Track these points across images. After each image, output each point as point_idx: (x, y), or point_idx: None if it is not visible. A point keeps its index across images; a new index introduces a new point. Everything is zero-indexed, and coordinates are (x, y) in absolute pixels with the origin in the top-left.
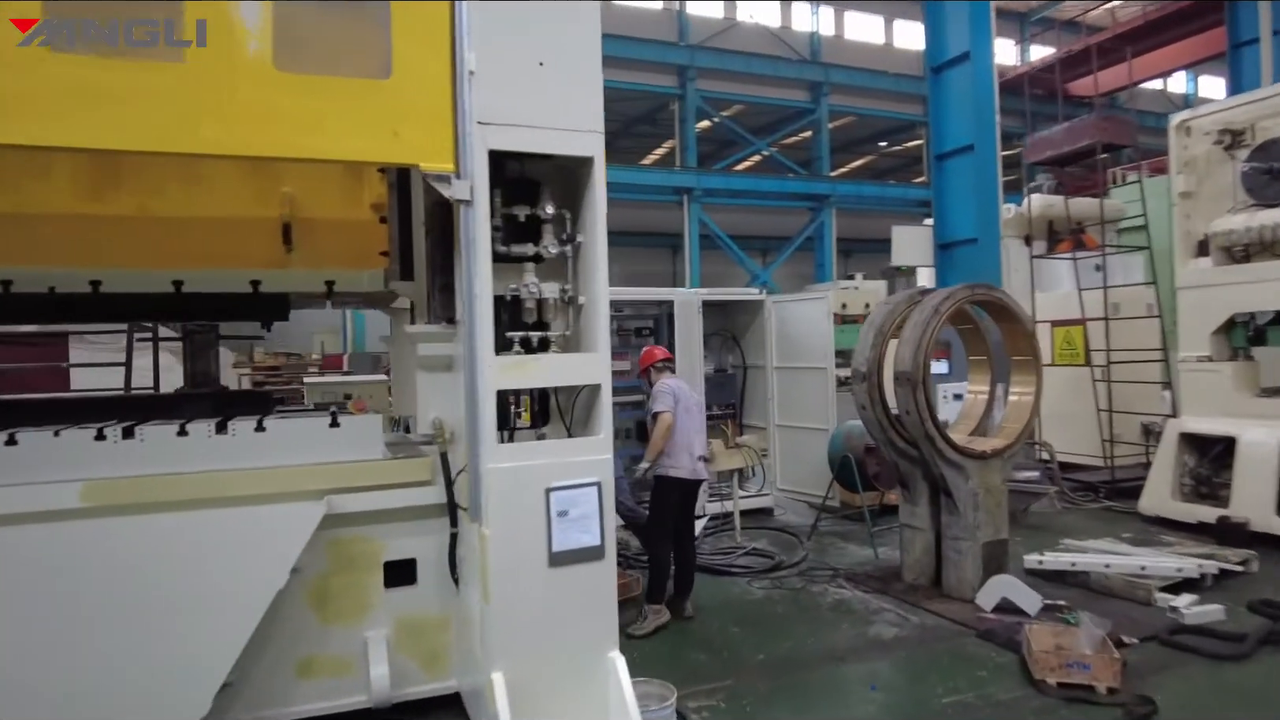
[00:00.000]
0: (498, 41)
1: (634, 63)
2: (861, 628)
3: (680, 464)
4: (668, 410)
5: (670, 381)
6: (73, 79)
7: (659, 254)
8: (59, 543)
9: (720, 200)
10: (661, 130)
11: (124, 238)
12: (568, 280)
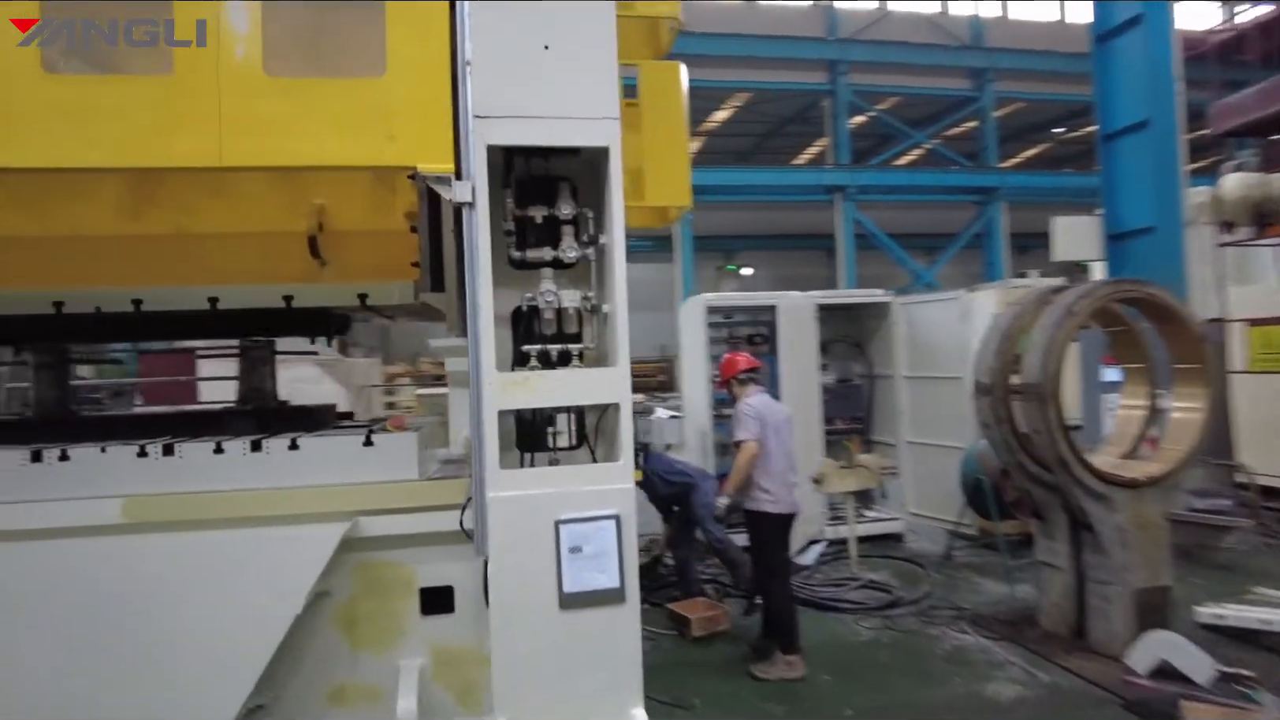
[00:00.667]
0: (497, 24)
1: (781, 61)
2: (977, 683)
3: (777, 496)
4: (752, 438)
5: (754, 400)
6: (62, 99)
7: (813, 256)
8: (99, 556)
9: (875, 197)
10: (813, 128)
11: (163, 256)
12: (591, 287)
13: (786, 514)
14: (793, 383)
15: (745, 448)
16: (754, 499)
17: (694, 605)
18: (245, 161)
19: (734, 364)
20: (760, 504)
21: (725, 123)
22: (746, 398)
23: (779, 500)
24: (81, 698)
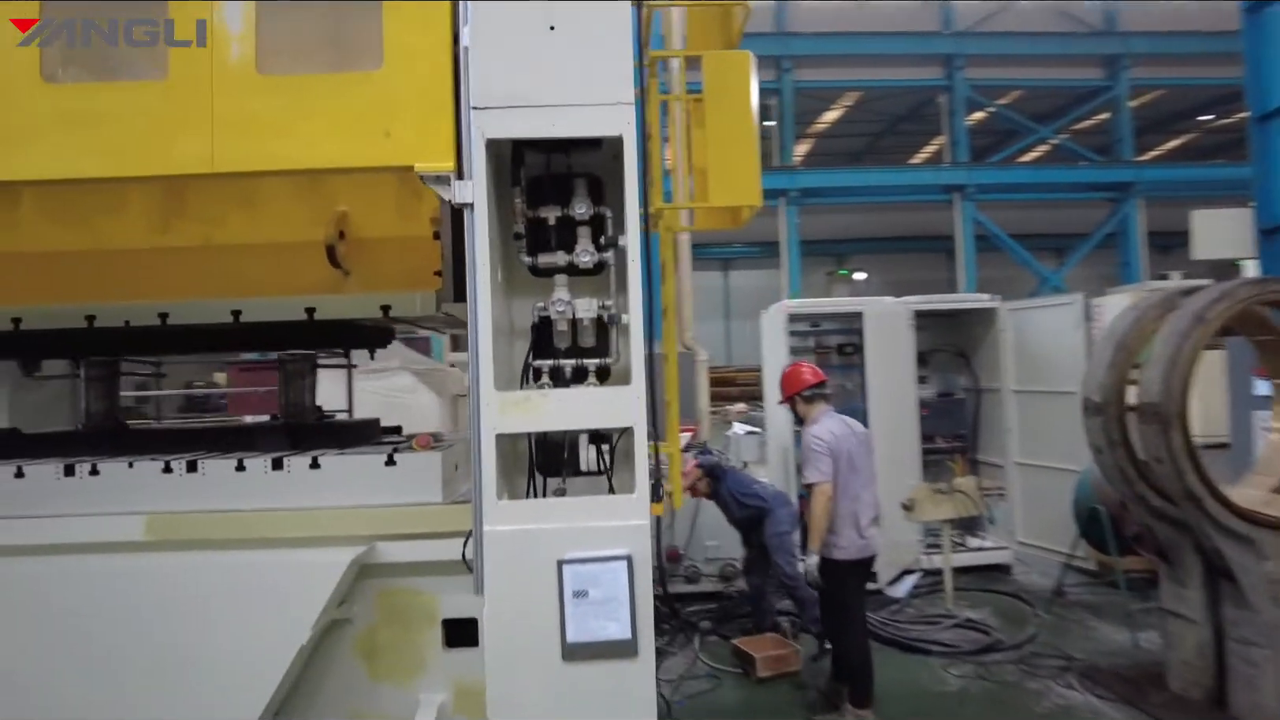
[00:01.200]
0: (498, 5)
1: (893, 59)
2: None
3: (844, 541)
4: (825, 479)
5: (824, 427)
6: (61, 108)
7: (930, 259)
8: (122, 573)
9: (997, 196)
10: (928, 126)
11: (189, 269)
12: (610, 295)
13: (856, 560)
14: (883, 397)
15: (819, 492)
16: (826, 543)
17: (762, 642)
18: (236, 166)
19: (798, 378)
20: (827, 549)
21: (836, 123)
22: (813, 420)
23: (847, 545)
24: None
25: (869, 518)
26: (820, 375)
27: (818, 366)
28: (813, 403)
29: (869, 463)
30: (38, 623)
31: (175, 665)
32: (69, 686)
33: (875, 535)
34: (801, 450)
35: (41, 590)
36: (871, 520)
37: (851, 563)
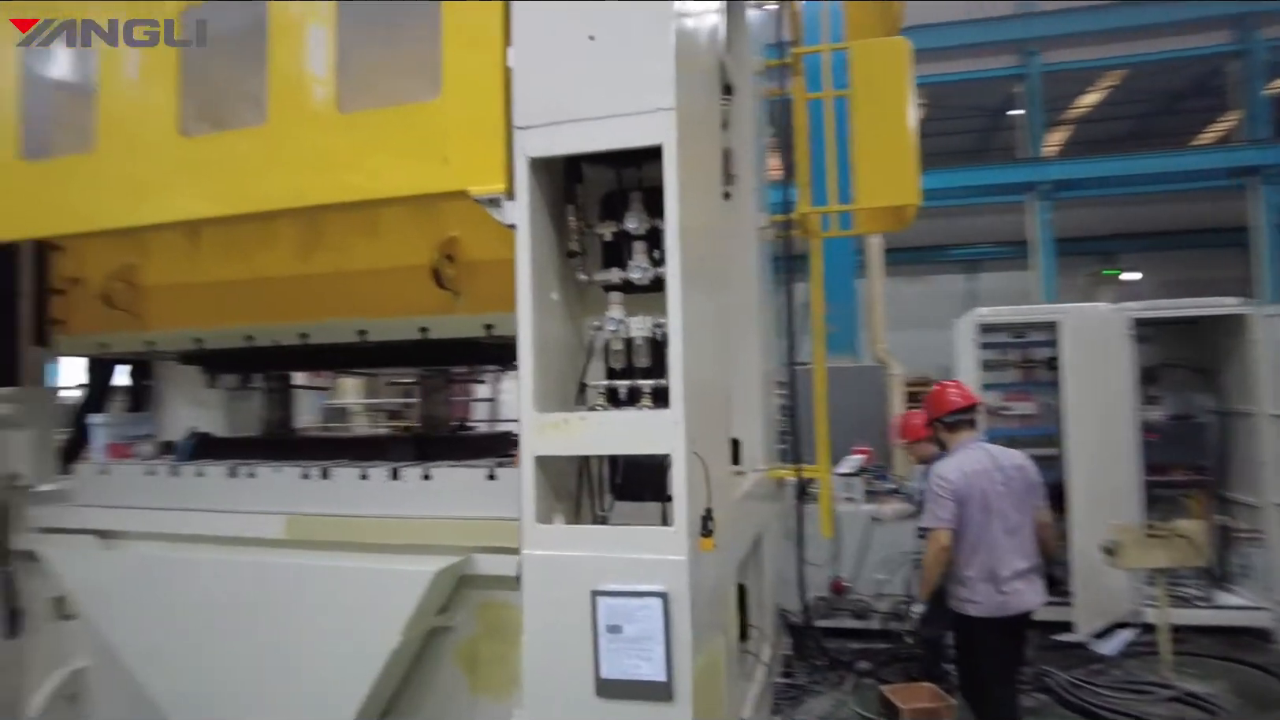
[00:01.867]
0: (541, 20)
1: (1164, 28)
2: None
3: (978, 595)
4: (943, 525)
5: (954, 464)
6: (189, 156)
7: (1219, 256)
8: (254, 567)
9: None
10: (1213, 101)
11: (324, 292)
12: (664, 313)
13: (995, 618)
14: (1086, 419)
15: (932, 539)
16: (953, 594)
17: (916, 692)
18: (318, 200)
19: (942, 400)
20: (960, 603)
21: (1096, 107)
22: (953, 450)
23: (982, 601)
24: (221, 689)
25: (1013, 569)
26: (971, 398)
27: (1025, 384)
28: (956, 430)
29: (1021, 503)
30: (187, 605)
31: (287, 655)
32: (202, 664)
33: (1023, 590)
34: (927, 488)
35: (197, 576)
36: (1018, 573)
37: (987, 620)
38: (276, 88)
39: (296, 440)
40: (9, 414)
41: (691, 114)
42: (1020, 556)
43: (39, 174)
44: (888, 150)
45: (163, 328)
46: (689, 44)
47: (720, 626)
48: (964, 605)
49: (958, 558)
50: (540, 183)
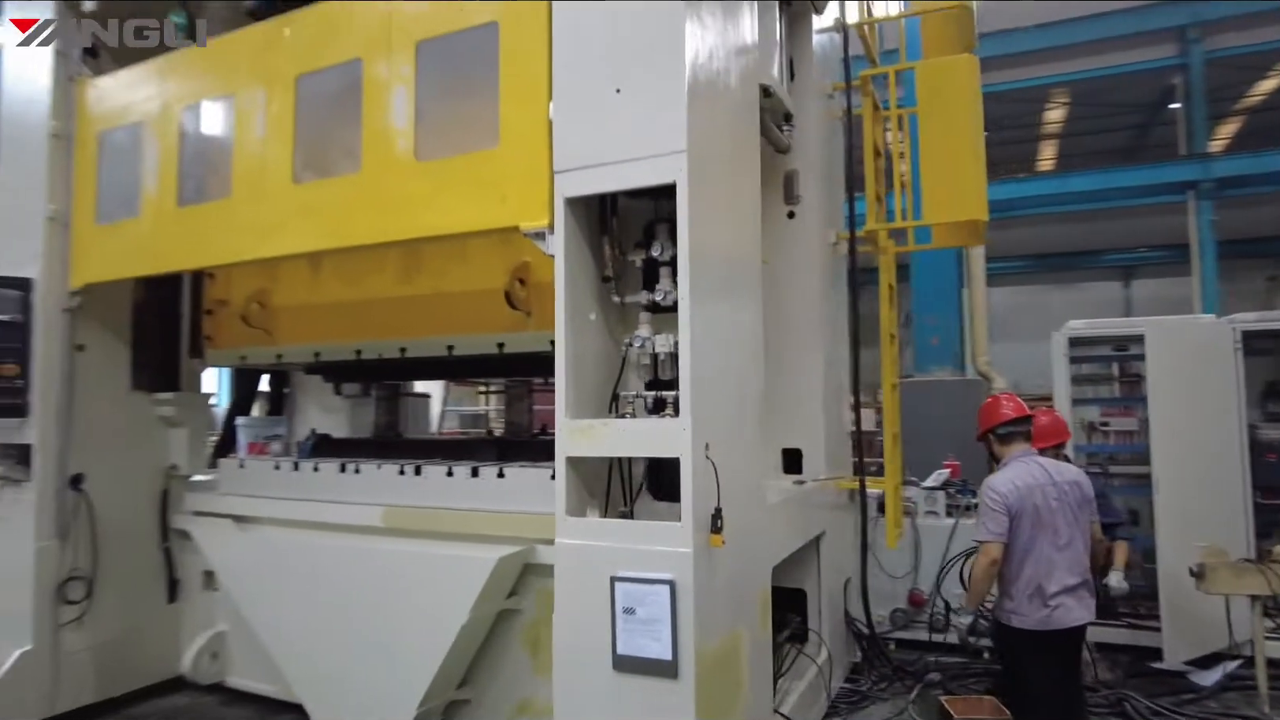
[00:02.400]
0: (575, 75)
1: None
2: None
3: (1023, 609)
4: (992, 538)
5: (1006, 477)
6: (302, 201)
7: None
8: (358, 553)
9: None
10: None
11: (420, 312)
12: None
13: (1039, 631)
14: (1180, 437)
15: (983, 552)
16: (999, 606)
17: (976, 704)
18: (399, 236)
19: (995, 411)
20: (1007, 615)
21: (1274, 94)
22: (1005, 462)
23: (1026, 615)
24: (309, 646)
25: (1062, 584)
26: (1023, 410)
27: (1126, 400)
28: (1009, 442)
29: (1074, 518)
30: (301, 581)
31: (378, 625)
32: (311, 631)
33: (1071, 605)
34: (980, 501)
35: (309, 557)
36: (1066, 588)
37: (1033, 634)
38: (368, 141)
39: (399, 441)
40: (170, 414)
41: (713, 152)
42: (1070, 572)
43: (191, 217)
44: (953, 166)
45: (289, 343)
46: (710, 90)
47: (741, 618)
48: (1009, 617)
49: (1005, 570)
50: (577, 218)
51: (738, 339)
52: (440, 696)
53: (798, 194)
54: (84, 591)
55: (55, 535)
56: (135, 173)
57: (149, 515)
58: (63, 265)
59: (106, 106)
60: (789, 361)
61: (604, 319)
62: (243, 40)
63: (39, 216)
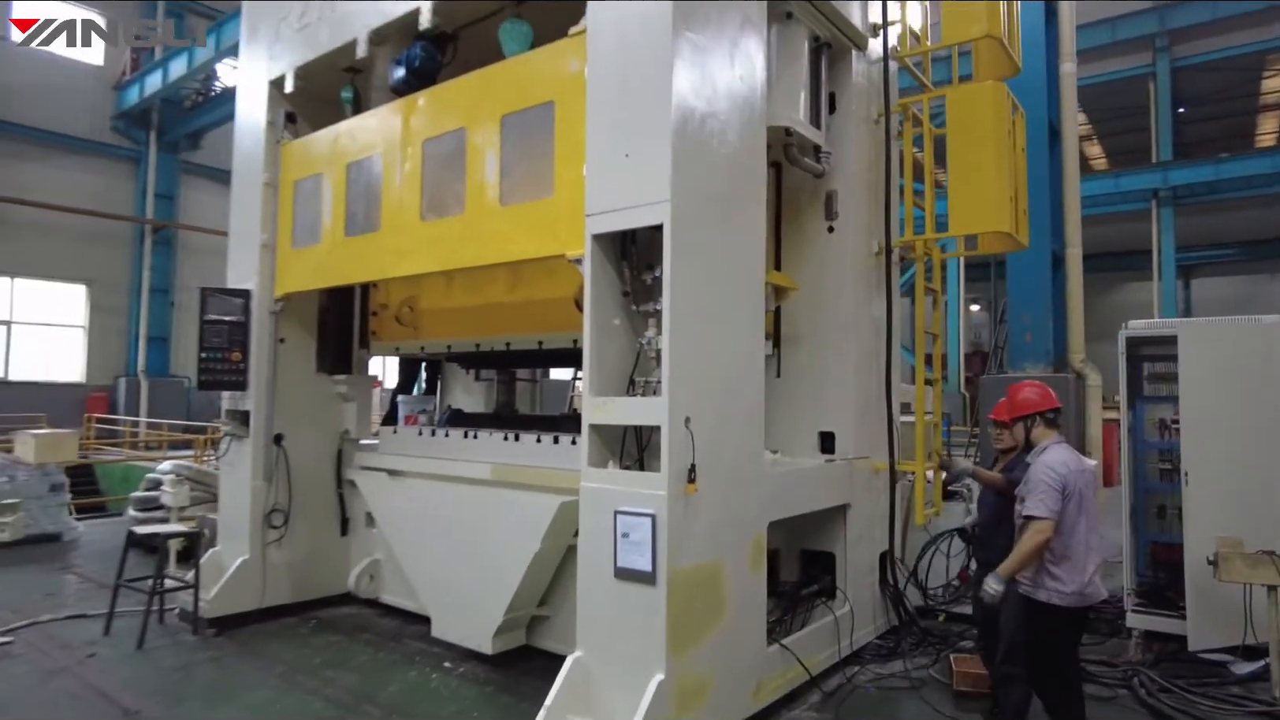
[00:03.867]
0: (602, 145)
1: None
2: None
3: (1065, 584)
4: (1050, 515)
5: (1058, 457)
6: (427, 235)
7: None
8: (467, 499)
9: None
10: None
11: (520, 315)
12: None
13: (1077, 608)
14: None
15: (1038, 528)
16: (1039, 583)
17: (978, 663)
18: (488, 261)
19: (1030, 398)
20: (1046, 593)
21: None
22: (1043, 448)
23: (1071, 591)
24: (435, 569)
25: (1095, 563)
26: (1054, 398)
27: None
28: (1054, 426)
29: (1094, 501)
30: (431, 520)
31: (482, 552)
32: (437, 558)
33: (1099, 583)
34: (1029, 477)
35: (435, 502)
36: (1097, 566)
37: (1070, 610)
38: (470, 190)
39: (510, 415)
40: (344, 391)
41: (702, 194)
42: (1100, 553)
43: (355, 244)
44: (978, 183)
45: (429, 338)
46: (699, 148)
47: (723, 554)
48: (1051, 595)
49: (1055, 547)
50: (603, 248)
51: (727, 340)
52: (522, 609)
53: (836, 211)
54: (282, 520)
55: (264, 478)
56: (318, 211)
57: (328, 468)
58: (270, 280)
59: (299, 162)
60: (825, 357)
61: (626, 323)
62: (387, 113)
63: (255, 244)
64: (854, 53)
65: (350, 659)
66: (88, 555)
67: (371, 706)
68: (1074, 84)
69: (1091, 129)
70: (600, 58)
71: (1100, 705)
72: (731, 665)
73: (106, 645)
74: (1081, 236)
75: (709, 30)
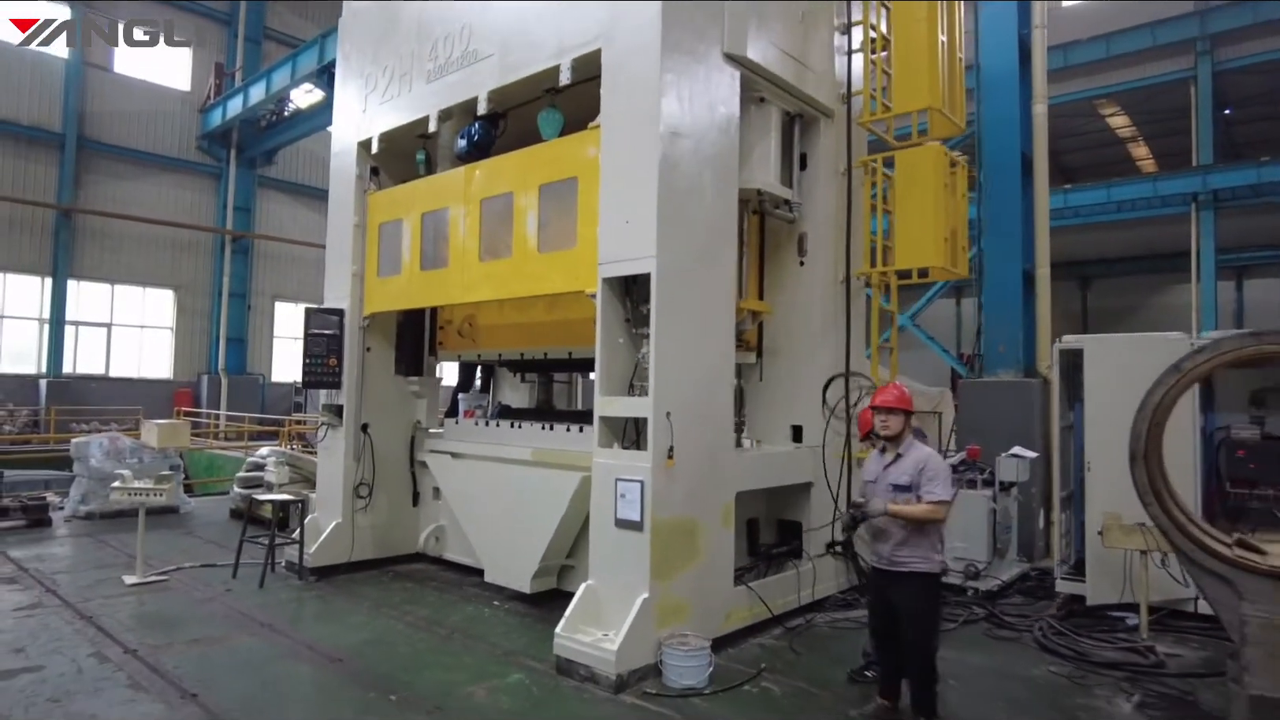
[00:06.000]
0: (610, 212)
1: None
2: None
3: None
4: (952, 499)
5: (930, 448)
6: (484, 271)
7: None
8: (511, 475)
9: None
10: None
11: (556, 331)
12: None
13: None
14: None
15: (946, 507)
16: (930, 559)
17: None
18: (529, 293)
19: (910, 397)
20: (936, 565)
21: None
22: (915, 445)
23: (942, 564)
24: (487, 531)
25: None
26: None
27: None
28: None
29: None
30: (485, 492)
31: (523, 515)
32: (489, 522)
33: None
34: (932, 467)
35: (487, 477)
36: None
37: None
38: (516, 240)
39: (548, 410)
40: (417, 390)
41: (683, 248)
42: None
43: (428, 276)
44: (918, 226)
45: (485, 348)
46: (679, 213)
47: (698, 512)
48: (940, 566)
49: (941, 527)
50: (611, 288)
51: (702, 357)
52: (554, 559)
53: (806, 249)
54: (367, 492)
55: (354, 458)
56: (399, 249)
57: (403, 451)
58: (360, 302)
59: (384, 208)
60: (798, 365)
61: (628, 341)
62: (453, 176)
63: (348, 273)
64: (823, 120)
65: (422, 598)
66: (200, 524)
67: (440, 628)
68: (1045, 123)
69: (1136, 130)
70: (609, 148)
71: (1006, 644)
72: (705, 596)
73: (236, 585)
74: (1106, 241)
75: (691, 125)
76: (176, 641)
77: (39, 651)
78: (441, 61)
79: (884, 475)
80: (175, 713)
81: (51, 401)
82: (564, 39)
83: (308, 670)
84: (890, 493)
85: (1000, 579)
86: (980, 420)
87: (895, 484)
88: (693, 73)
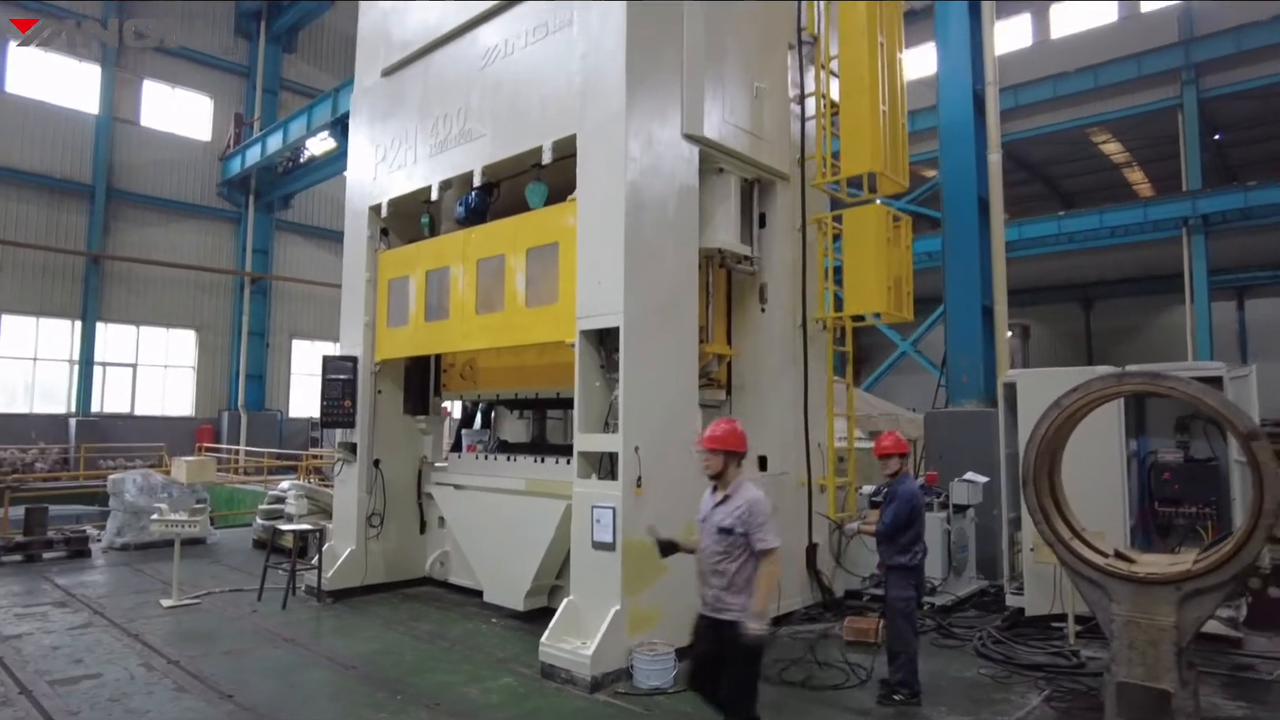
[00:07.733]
0: (586, 272)
1: None
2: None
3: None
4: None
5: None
6: (480, 323)
7: None
8: (506, 503)
9: None
10: None
11: (547, 373)
12: None
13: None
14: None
15: (778, 556)
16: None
17: (867, 620)
18: (519, 342)
19: (741, 438)
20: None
21: None
22: (745, 484)
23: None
24: (485, 555)
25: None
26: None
27: None
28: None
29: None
30: (484, 519)
31: (515, 540)
32: (484, 546)
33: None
34: (759, 512)
35: (486, 506)
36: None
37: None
38: (507, 296)
39: (541, 444)
40: (424, 427)
41: (647, 304)
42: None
43: (431, 327)
44: (862, 276)
45: (484, 389)
46: (644, 274)
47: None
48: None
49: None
50: (588, 339)
51: (665, 398)
52: (545, 579)
53: (767, 297)
54: (379, 522)
55: (366, 491)
56: (406, 302)
57: (411, 483)
58: (371, 349)
59: (392, 266)
60: (760, 403)
61: (603, 384)
62: (453, 239)
63: (360, 323)
64: (779, 182)
65: (427, 616)
66: (225, 553)
67: (442, 641)
68: (999, 170)
69: (1129, 156)
70: (584, 218)
71: (949, 651)
72: (674, 606)
73: (261, 606)
74: (1099, 264)
75: (653, 198)
76: (212, 653)
77: (95, 662)
78: (442, 137)
79: (711, 515)
80: (215, 709)
81: (80, 439)
82: (546, 123)
83: (326, 675)
84: (715, 534)
85: (955, 594)
86: (945, 448)
87: (720, 527)
88: (655, 152)
